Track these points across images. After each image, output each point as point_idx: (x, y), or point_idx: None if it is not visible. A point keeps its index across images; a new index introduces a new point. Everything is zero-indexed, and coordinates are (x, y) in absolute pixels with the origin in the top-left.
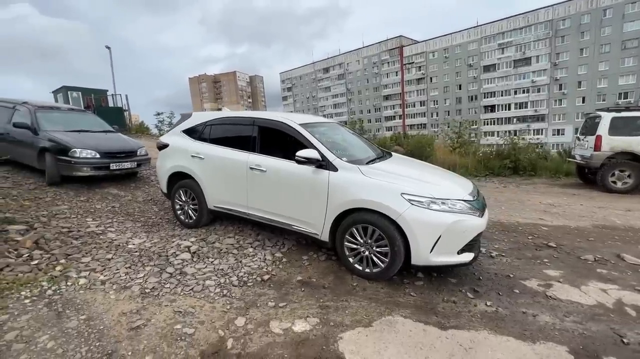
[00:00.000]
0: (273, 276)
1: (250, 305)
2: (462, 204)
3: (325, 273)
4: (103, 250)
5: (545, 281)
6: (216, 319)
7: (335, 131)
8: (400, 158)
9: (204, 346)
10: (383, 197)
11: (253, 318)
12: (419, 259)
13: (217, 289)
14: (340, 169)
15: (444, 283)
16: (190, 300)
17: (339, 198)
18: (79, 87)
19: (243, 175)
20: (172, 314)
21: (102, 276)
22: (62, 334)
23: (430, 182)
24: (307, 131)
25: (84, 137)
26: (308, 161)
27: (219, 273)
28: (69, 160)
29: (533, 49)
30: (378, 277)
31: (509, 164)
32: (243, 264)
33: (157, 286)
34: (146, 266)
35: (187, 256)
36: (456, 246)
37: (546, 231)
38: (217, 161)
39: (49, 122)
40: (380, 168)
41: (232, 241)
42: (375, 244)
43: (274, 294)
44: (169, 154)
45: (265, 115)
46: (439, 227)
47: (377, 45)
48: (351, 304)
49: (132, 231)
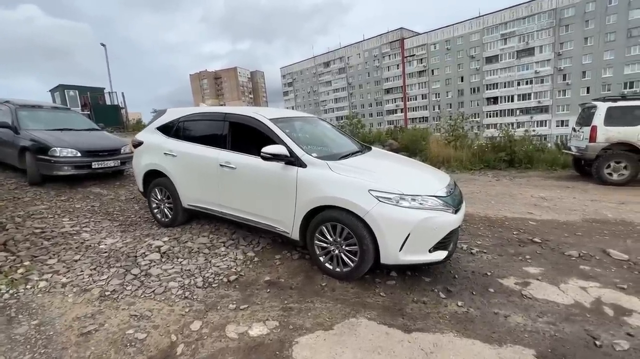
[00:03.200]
0: (240, 277)
1: (210, 308)
2: (433, 200)
3: (296, 273)
4: (72, 251)
5: (524, 279)
6: (172, 323)
7: (312, 125)
8: (378, 153)
9: (153, 352)
10: (350, 194)
11: (210, 321)
12: (387, 258)
13: (180, 291)
14: (308, 166)
15: (417, 282)
16: (150, 303)
17: (307, 195)
18: (76, 86)
19: (214, 173)
20: (127, 319)
21: (64, 278)
22: (9, 340)
23: (402, 178)
24: (277, 126)
25: (65, 136)
26: (274, 157)
27: (185, 274)
28: (48, 159)
29: (536, 39)
30: (348, 277)
31: (505, 157)
32: (212, 264)
33: (119, 288)
34: (112, 267)
35: (157, 256)
36: (427, 244)
37: (533, 226)
38: (189, 158)
39: (30, 121)
40: (351, 164)
41: (205, 240)
42: (344, 242)
43: (237, 295)
44: (144, 151)
45: (236, 110)
46: (407, 224)
47: (377, 38)
48: (316, 305)
49: (108, 231)
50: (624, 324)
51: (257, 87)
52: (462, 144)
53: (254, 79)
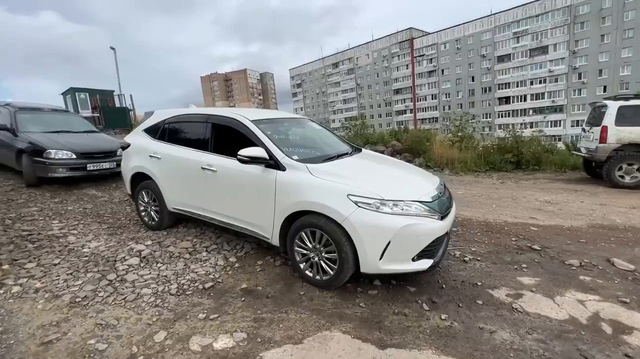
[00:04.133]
0: (217, 284)
1: (179, 317)
2: (417, 206)
3: (275, 280)
4: (54, 254)
5: (516, 290)
6: (136, 333)
7: (299, 127)
8: (367, 155)
9: None
10: (328, 198)
11: (176, 332)
12: (367, 266)
13: (152, 299)
14: (288, 169)
15: (401, 292)
16: (119, 311)
17: (286, 200)
18: (86, 89)
19: (197, 176)
20: (92, 327)
21: (39, 283)
22: None
23: (385, 182)
24: (258, 127)
25: (60, 138)
26: (252, 159)
27: (160, 280)
28: (43, 161)
29: (550, 37)
30: (328, 285)
31: (511, 159)
32: (190, 270)
33: (91, 294)
34: (89, 272)
35: (136, 261)
36: (410, 252)
37: (535, 231)
38: (172, 161)
39: (29, 124)
40: (334, 167)
41: (188, 244)
42: (324, 249)
43: (210, 304)
44: (131, 154)
45: (219, 111)
46: (387, 232)
47: (386, 39)
48: (290, 316)
49: (95, 234)
50: (623, 343)
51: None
52: (468, 146)
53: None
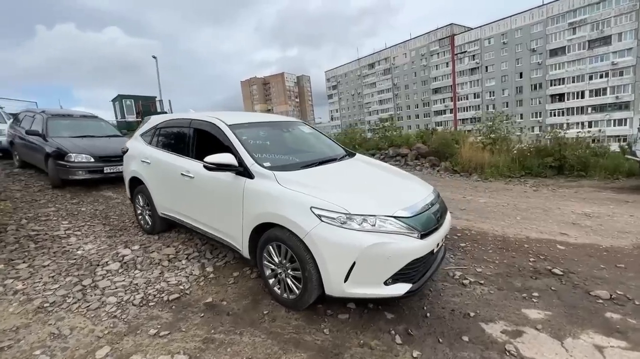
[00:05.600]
0: (184, 296)
1: (131, 331)
2: (392, 222)
3: (244, 295)
4: (47, 256)
5: (517, 325)
6: (82, 346)
7: (286, 131)
8: (357, 162)
9: None
10: (290, 211)
11: (120, 348)
12: (331, 289)
13: (113, 308)
14: (256, 177)
15: (376, 319)
16: (78, 319)
17: (252, 210)
18: (132, 95)
19: (177, 181)
20: (45, 336)
21: (21, 284)
22: None
23: (360, 192)
24: (233, 132)
25: (82, 142)
26: (219, 167)
27: (130, 289)
28: (65, 164)
29: (614, 26)
30: (294, 305)
31: (552, 163)
32: (163, 278)
33: (60, 300)
34: (69, 276)
35: (116, 266)
36: (381, 275)
37: (561, 251)
38: (159, 166)
39: (58, 129)
40: (306, 175)
41: (171, 250)
42: (290, 266)
43: (167, 318)
44: (128, 158)
45: (200, 116)
46: (352, 250)
47: (425, 36)
48: (243, 339)
49: (95, 236)
50: None
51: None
52: (501, 148)
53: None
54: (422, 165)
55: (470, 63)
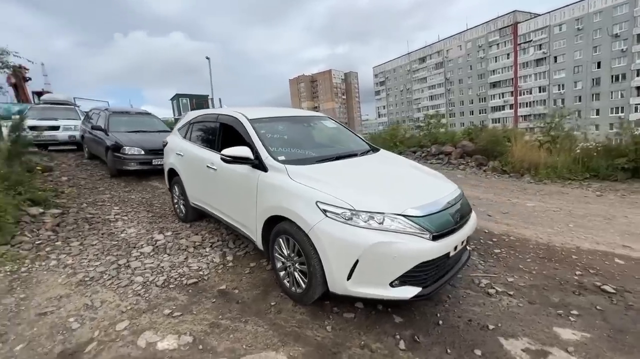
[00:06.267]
0: (202, 281)
1: (149, 309)
2: (402, 221)
3: (257, 286)
4: (96, 236)
5: (544, 345)
6: (107, 318)
7: (308, 125)
8: (378, 157)
9: (70, 345)
10: (296, 204)
11: (137, 324)
12: (334, 286)
13: (139, 287)
14: (269, 170)
15: (382, 321)
16: (109, 294)
17: (264, 203)
18: (188, 94)
19: (204, 173)
20: (81, 306)
21: (71, 259)
22: None
23: (372, 189)
24: (252, 126)
25: (136, 137)
26: (235, 159)
27: (156, 270)
28: (120, 156)
29: None
30: (300, 299)
31: (625, 164)
32: (187, 263)
33: (98, 275)
34: (109, 255)
35: (149, 249)
36: (386, 275)
37: (619, 266)
38: (190, 158)
39: (117, 125)
40: (319, 169)
41: (198, 238)
42: (297, 260)
43: (183, 300)
44: (167, 151)
45: (225, 111)
46: (355, 248)
47: (483, 26)
48: (247, 327)
49: (138, 221)
50: None
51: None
52: (562, 147)
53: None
54: (467, 164)
55: (535, 53)
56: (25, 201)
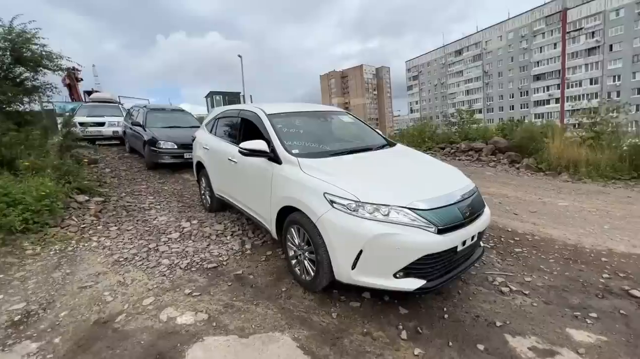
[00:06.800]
0: (221, 266)
1: (173, 288)
2: (407, 214)
3: (271, 273)
4: (131, 223)
5: (553, 345)
6: (136, 294)
7: (324, 120)
8: (393, 151)
9: (104, 314)
10: (305, 195)
11: (161, 300)
12: (340, 274)
13: (165, 269)
14: (284, 162)
15: (388, 312)
16: (138, 273)
17: (277, 194)
18: (221, 92)
19: (226, 165)
20: (115, 282)
21: (109, 242)
22: (43, 281)
23: (381, 182)
24: (269, 120)
25: (170, 132)
26: (252, 152)
27: (181, 254)
28: (155, 150)
29: None
30: (309, 287)
31: None
32: (208, 250)
33: (131, 257)
34: (142, 239)
35: (176, 235)
36: (390, 266)
37: None
38: (214, 151)
39: (154, 121)
40: (330, 162)
41: (221, 227)
42: (307, 249)
43: (202, 282)
44: (195, 145)
45: (246, 106)
46: (358, 238)
47: (528, 15)
48: (257, 309)
49: (169, 210)
50: None
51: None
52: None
53: (379, 75)
54: (498, 161)
55: (587, 42)
56: (73, 190)
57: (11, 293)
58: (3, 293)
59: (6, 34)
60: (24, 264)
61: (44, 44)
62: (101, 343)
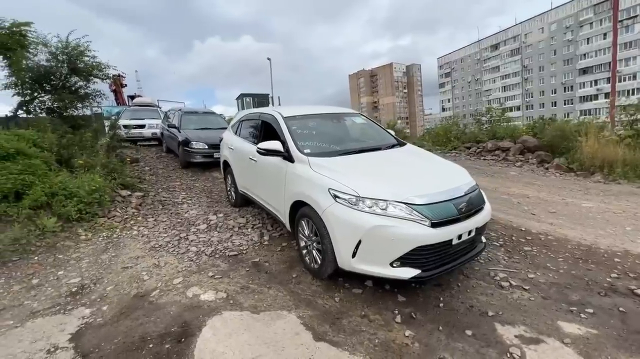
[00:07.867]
0: (241, 254)
1: (198, 271)
2: (403, 208)
3: (284, 261)
4: (166, 215)
5: (540, 334)
6: (168, 275)
7: (336, 122)
8: (402, 151)
9: (141, 290)
10: (313, 191)
11: (188, 280)
12: (342, 262)
13: (193, 255)
14: (296, 161)
15: (386, 298)
16: (170, 258)
17: (290, 190)
18: (251, 94)
19: (247, 164)
20: (150, 264)
21: (147, 231)
22: (94, 261)
23: (382, 178)
24: (285, 122)
25: (201, 133)
26: (268, 152)
27: (207, 243)
28: (188, 150)
29: None
30: (316, 274)
31: None
32: (231, 240)
33: (164, 244)
34: (174, 229)
35: (204, 227)
36: (386, 256)
37: None
38: (238, 151)
39: (188, 123)
40: (337, 161)
41: (243, 220)
42: (315, 239)
43: (224, 267)
44: (222, 146)
45: (266, 110)
46: (357, 229)
47: (573, 4)
48: (269, 291)
49: (199, 204)
50: None
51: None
52: None
53: (410, 72)
54: (526, 161)
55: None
56: (118, 185)
57: (69, 269)
58: (63, 269)
59: (64, 48)
60: (79, 247)
61: (94, 55)
62: (139, 312)
